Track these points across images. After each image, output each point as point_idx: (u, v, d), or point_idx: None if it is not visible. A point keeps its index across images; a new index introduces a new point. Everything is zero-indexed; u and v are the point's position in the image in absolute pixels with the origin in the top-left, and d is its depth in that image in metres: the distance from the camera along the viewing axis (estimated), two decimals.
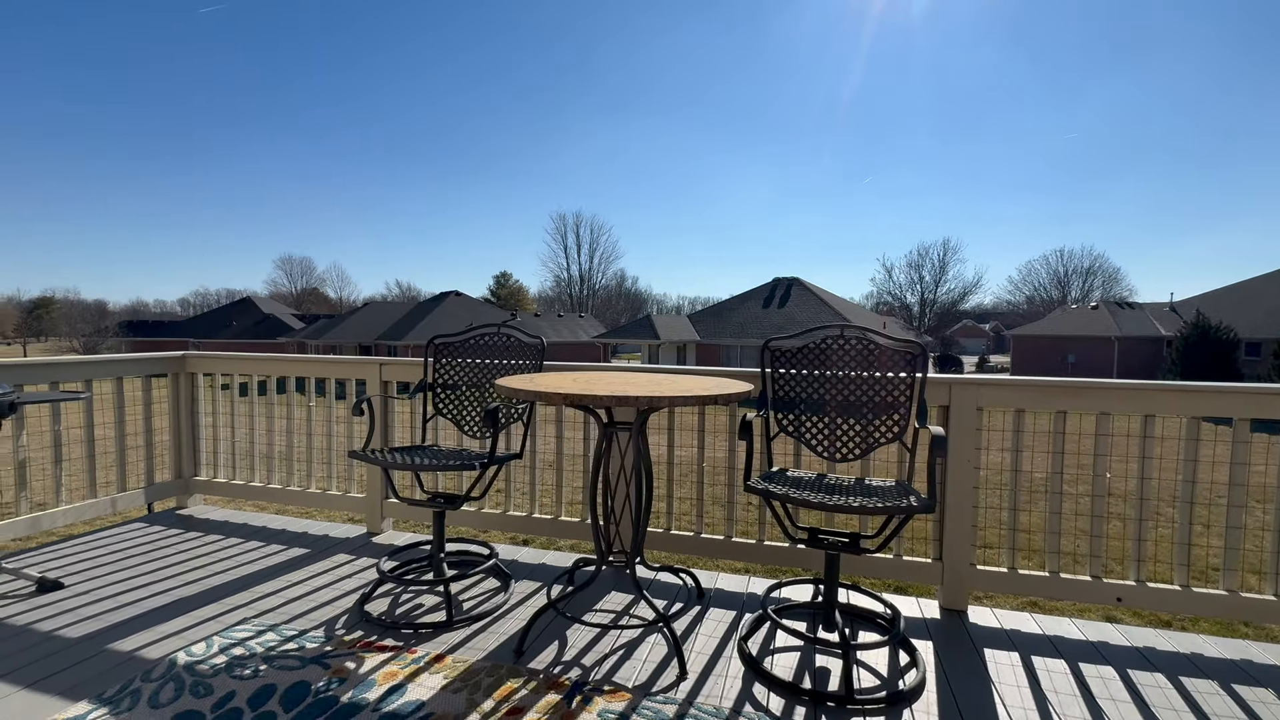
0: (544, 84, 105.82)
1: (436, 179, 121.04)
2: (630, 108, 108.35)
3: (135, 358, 3.61)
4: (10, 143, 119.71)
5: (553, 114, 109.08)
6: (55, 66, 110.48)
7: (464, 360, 3.02)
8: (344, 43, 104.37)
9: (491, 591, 2.69)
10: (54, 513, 3.23)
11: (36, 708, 1.86)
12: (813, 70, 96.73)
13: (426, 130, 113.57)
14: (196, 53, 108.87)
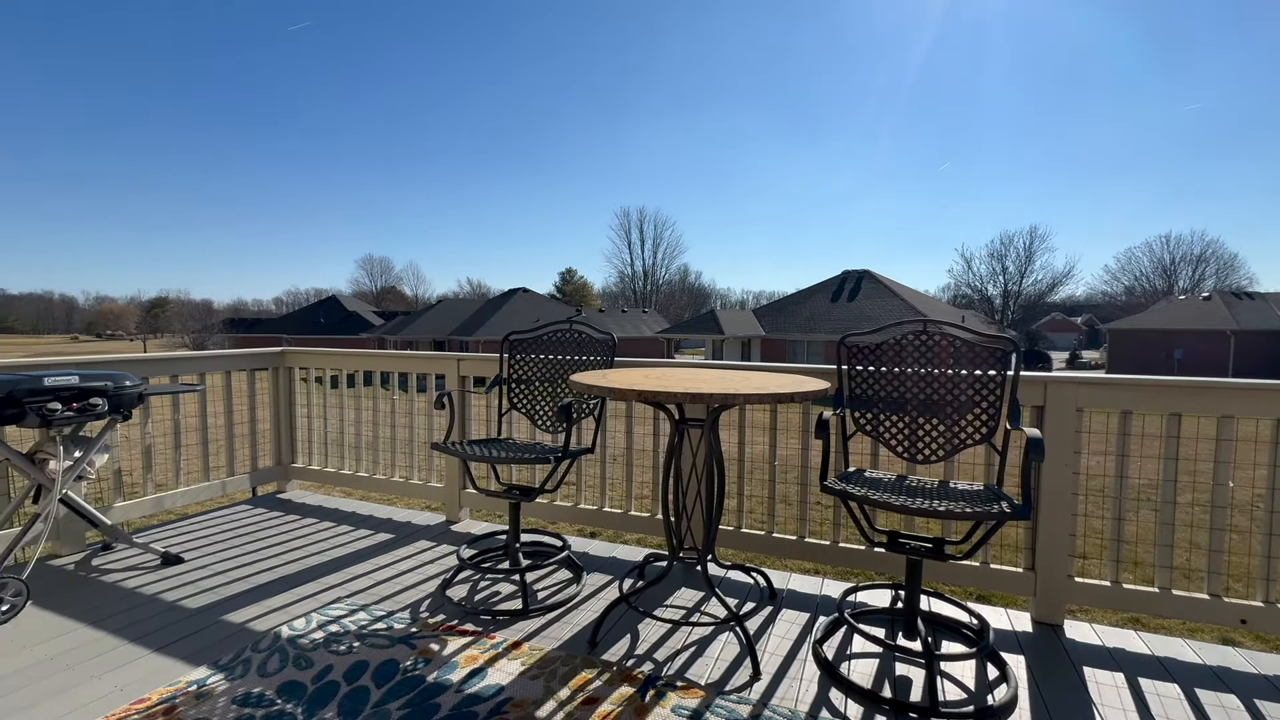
0: (612, 84, 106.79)
1: (506, 177, 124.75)
2: (697, 100, 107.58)
3: (241, 353, 3.92)
4: (130, 162, 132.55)
5: (620, 113, 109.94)
6: (183, 93, 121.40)
7: (536, 356, 3.09)
8: (427, 51, 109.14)
9: (564, 582, 2.75)
10: (174, 494, 3.56)
11: (166, 669, 2.06)
12: (886, 48, 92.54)
13: (496, 131, 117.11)
14: (291, 70, 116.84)
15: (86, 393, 2.65)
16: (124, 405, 2.79)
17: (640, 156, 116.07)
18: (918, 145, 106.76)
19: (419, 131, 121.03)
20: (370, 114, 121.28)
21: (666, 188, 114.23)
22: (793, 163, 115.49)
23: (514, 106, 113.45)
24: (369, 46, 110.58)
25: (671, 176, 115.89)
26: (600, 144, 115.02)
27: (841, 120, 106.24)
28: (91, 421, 2.71)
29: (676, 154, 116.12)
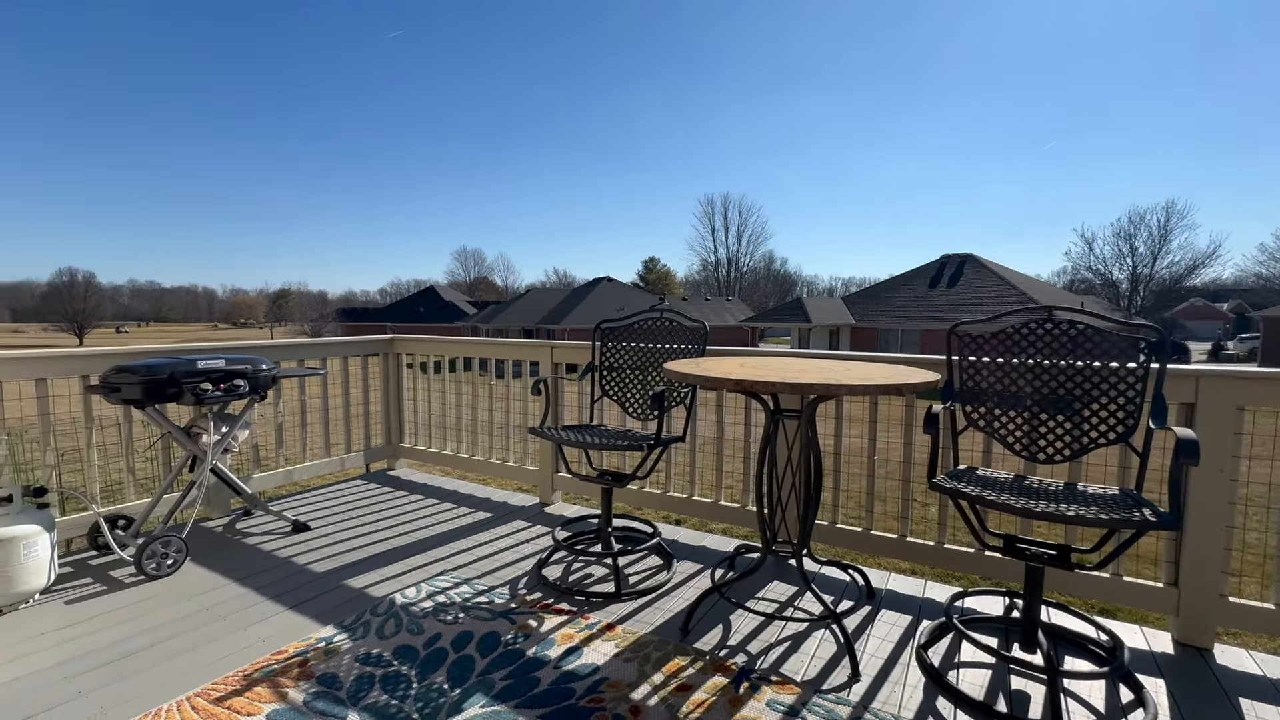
0: (696, 65, 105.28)
1: (591, 167, 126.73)
2: (784, 81, 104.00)
3: (356, 340, 4.24)
4: (267, 168, 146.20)
5: (704, 97, 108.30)
6: (301, 109, 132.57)
7: (628, 344, 3.12)
8: (505, 46, 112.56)
9: (654, 569, 2.78)
10: (300, 467, 3.92)
11: (300, 626, 2.28)
12: (1000, 8, 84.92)
13: (578, 121, 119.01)
14: (395, 81, 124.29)
15: (231, 374, 2.96)
16: (261, 386, 3.09)
17: (725, 141, 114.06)
18: (1026, 122, 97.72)
19: (505, 125, 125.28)
20: (457, 108, 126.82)
21: (752, 172, 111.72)
22: (887, 144, 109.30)
23: (595, 95, 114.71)
24: (461, 50, 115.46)
25: (757, 161, 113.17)
26: (684, 130, 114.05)
27: (943, 96, 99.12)
28: (235, 400, 3.02)
29: (763, 138, 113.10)
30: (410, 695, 1.87)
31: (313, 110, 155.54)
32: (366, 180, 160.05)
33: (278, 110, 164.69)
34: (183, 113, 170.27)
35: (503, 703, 1.84)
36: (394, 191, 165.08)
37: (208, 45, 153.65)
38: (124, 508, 3.11)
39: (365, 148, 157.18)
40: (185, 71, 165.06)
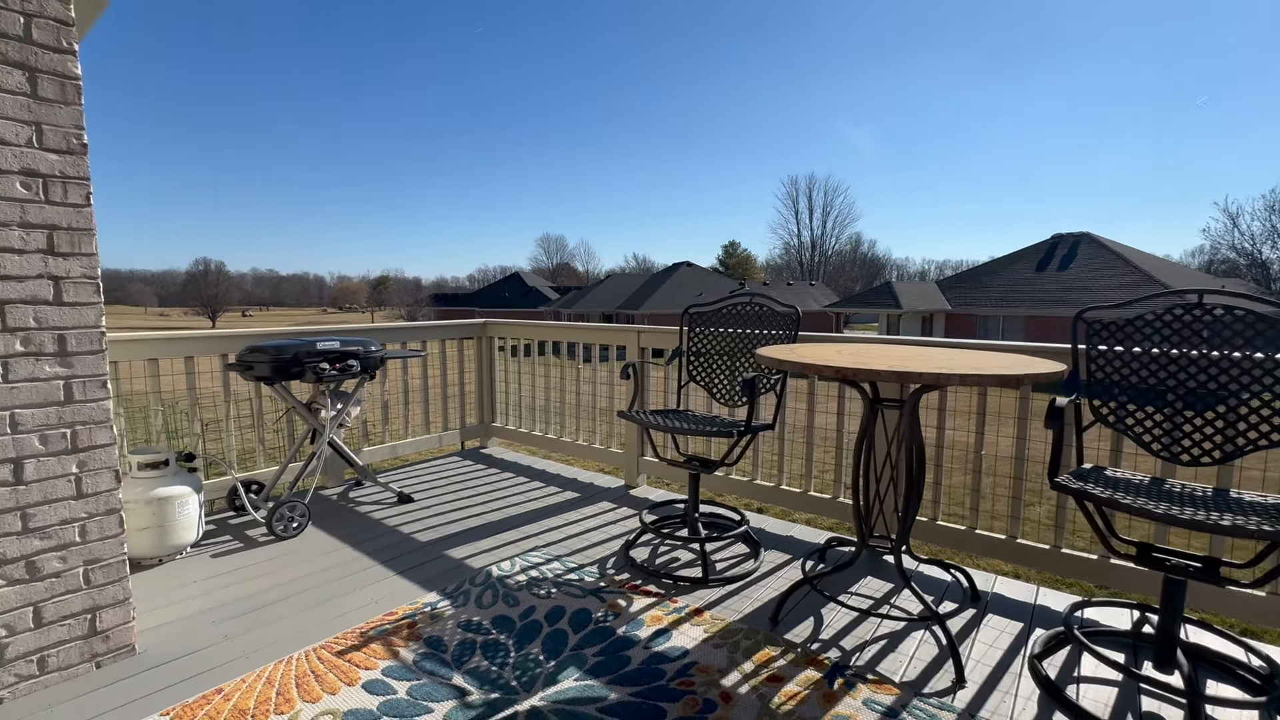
0: (780, 42, 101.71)
1: (670, 147, 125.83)
2: (881, 52, 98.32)
3: (452, 324, 4.45)
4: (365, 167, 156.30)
5: (789, 74, 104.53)
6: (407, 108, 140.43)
7: (716, 329, 3.07)
8: (580, 24, 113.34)
9: (741, 556, 2.75)
10: (403, 443, 4.18)
11: (407, 591, 2.44)
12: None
13: (655, 99, 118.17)
14: (478, 70, 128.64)
15: (345, 355, 3.19)
16: (371, 366, 3.31)
17: (812, 120, 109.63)
18: (1159, 84, 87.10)
19: (586, 101, 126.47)
20: (538, 87, 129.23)
21: (840, 152, 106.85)
22: (994, 119, 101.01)
23: (673, 70, 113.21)
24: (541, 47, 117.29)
25: (846, 140, 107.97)
26: (768, 108, 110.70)
27: (1065, 57, 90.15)
28: (348, 379, 3.26)
29: (854, 115, 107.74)
30: (509, 663, 1.96)
31: (409, 108, 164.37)
32: (450, 166, 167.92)
33: (383, 114, 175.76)
34: (301, 114, 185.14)
35: (596, 678, 1.89)
36: (479, 179, 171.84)
37: (333, 59, 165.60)
38: (256, 474, 3.45)
39: (449, 129, 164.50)
40: (313, 85, 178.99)
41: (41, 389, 1.79)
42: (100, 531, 1.92)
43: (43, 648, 1.83)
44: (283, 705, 1.76)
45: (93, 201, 1.86)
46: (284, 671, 1.91)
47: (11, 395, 1.74)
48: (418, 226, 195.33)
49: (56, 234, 1.80)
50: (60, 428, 1.83)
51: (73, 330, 1.84)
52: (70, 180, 1.81)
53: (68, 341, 1.83)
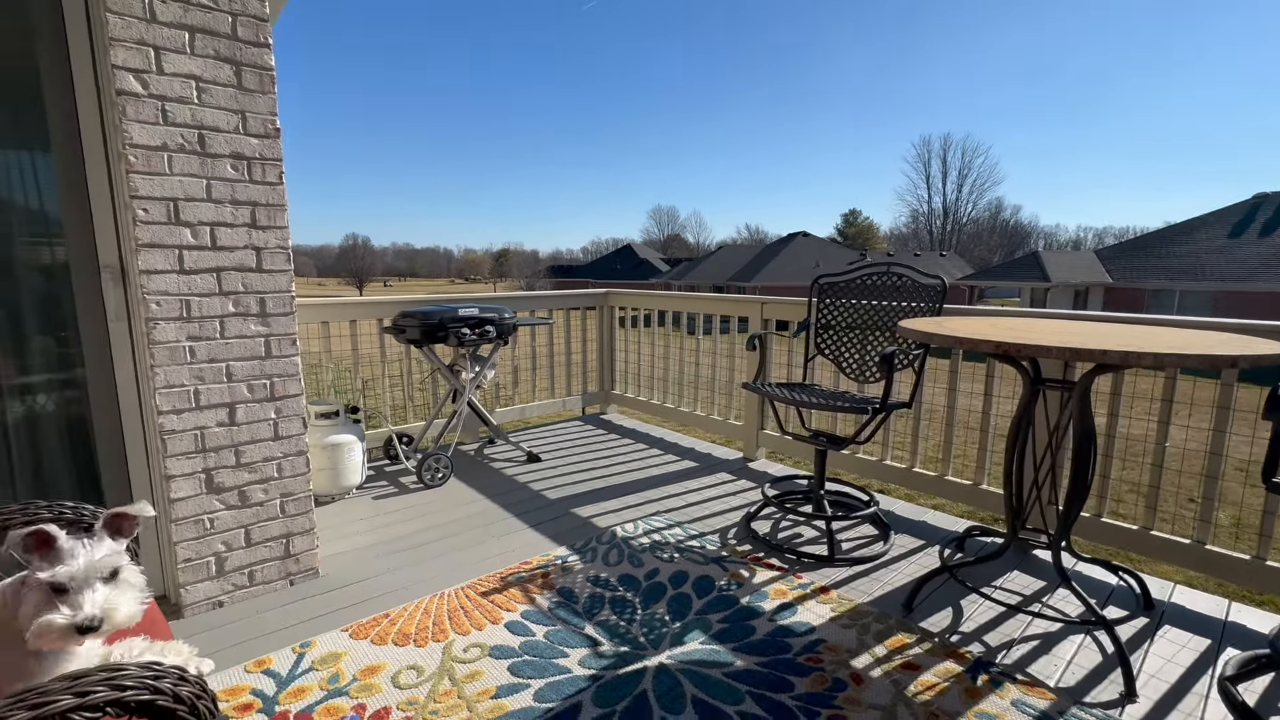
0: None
1: (786, 109, 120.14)
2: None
3: (576, 293, 4.60)
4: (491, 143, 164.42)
5: (918, 27, 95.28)
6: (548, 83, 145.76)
7: (847, 301, 2.92)
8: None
9: (869, 539, 2.64)
10: (530, 406, 4.42)
11: (539, 543, 2.61)
12: None
13: (768, 57, 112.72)
14: (592, 44, 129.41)
15: (483, 321, 3.40)
16: (505, 332, 3.52)
17: (944, 76, 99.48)
18: None
19: (699, 73, 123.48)
20: (652, 60, 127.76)
21: (978, 110, 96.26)
22: (1171, 67, 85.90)
23: (788, 21, 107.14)
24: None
25: (986, 97, 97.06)
26: (895, 64, 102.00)
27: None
28: (485, 344, 3.48)
29: (996, 68, 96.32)
30: (636, 620, 2.04)
31: (526, 84, 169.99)
32: (571, 139, 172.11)
33: (499, 90, 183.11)
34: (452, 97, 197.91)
35: (721, 643, 1.91)
36: (595, 151, 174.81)
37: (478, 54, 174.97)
38: (406, 428, 3.81)
39: (566, 105, 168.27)
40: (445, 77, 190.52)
41: (248, 344, 2.08)
42: (292, 469, 2.22)
43: (251, 564, 2.17)
44: (438, 634, 1.96)
45: (284, 180, 2.10)
46: (437, 605, 2.12)
47: (227, 349, 2.04)
48: (536, 201, 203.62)
49: (257, 209, 2.05)
50: (262, 379, 2.12)
51: (270, 294, 2.11)
52: (267, 161, 2.05)
53: (267, 304, 2.10)
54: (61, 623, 0.89)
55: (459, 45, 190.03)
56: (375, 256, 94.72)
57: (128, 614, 0.96)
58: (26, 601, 0.92)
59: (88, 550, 0.94)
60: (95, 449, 2.01)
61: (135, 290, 1.90)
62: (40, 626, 0.89)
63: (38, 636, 0.90)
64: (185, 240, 1.93)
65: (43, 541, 0.93)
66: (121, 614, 0.95)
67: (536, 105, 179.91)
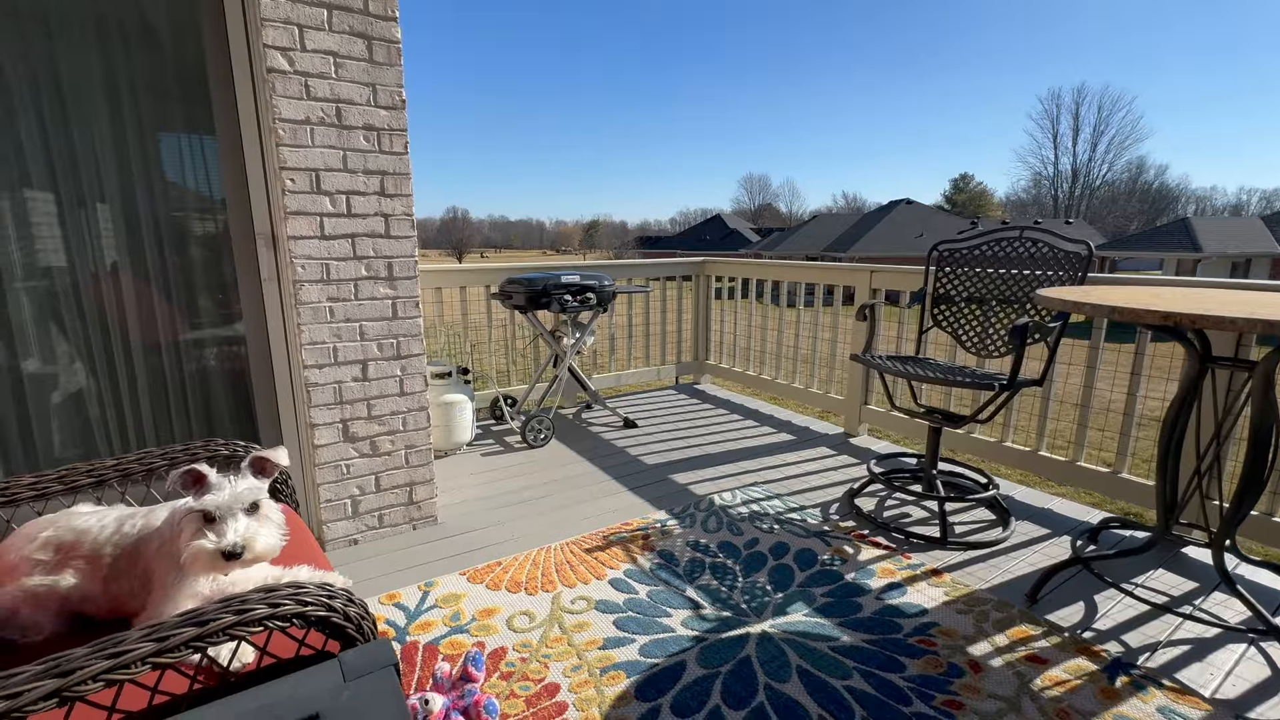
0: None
1: (893, 70, 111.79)
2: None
3: (674, 261, 4.57)
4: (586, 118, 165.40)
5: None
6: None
7: (970, 270, 2.70)
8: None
9: (986, 524, 2.48)
10: (625, 373, 4.49)
11: (638, 506, 2.66)
12: None
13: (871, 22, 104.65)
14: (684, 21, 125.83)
15: (584, 288, 3.46)
16: (604, 300, 3.56)
17: (1083, 21, 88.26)
18: None
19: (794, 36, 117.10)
20: (740, 20, 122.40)
21: (1119, 58, 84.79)
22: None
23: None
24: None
25: (1130, 40, 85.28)
26: (1024, 9, 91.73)
27: None
28: (585, 311, 3.55)
29: (1143, 8, 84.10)
30: (737, 587, 2.04)
31: (611, 54, 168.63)
32: (661, 112, 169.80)
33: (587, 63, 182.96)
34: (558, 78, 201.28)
35: (825, 617, 1.87)
36: (684, 122, 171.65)
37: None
38: (510, 390, 3.99)
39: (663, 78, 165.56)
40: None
41: (378, 306, 2.23)
42: (415, 424, 2.38)
43: (380, 507, 2.37)
44: (546, 584, 2.06)
45: (409, 150, 2.21)
46: (544, 557, 2.22)
47: (360, 310, 2.20)
48: (625, 172, 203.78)
49: (386, 178, 2.18)
50: (389, 338, 2.28)
51: (397, 259, 2.24)
52: (395, 132, 2.17)
53: (394, 268, 2.24)
54: (210, 547, 0.98)
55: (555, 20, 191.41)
56: (473, 229, 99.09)
57: (266, 544, 1.03)
58: (183, 530, 1.02)
59: (232, 485, 1.03)
60: (253, 396, 2.25)
61: (284, 254, 2.09)
62: (191, 550, 0.98)
63: (190, 560, 0.99)
64: (325, 208, 2.09)
65: (196, 479, 1.03)
66: (260, 543, 1.02)
67: (627, 79, 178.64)
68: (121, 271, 2.03)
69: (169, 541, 1.04)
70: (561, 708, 1.52)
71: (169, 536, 1.05)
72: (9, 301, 1.90)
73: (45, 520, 1.15)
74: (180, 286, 2.13)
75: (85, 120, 1.92)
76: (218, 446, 1.47)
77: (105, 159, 1.95)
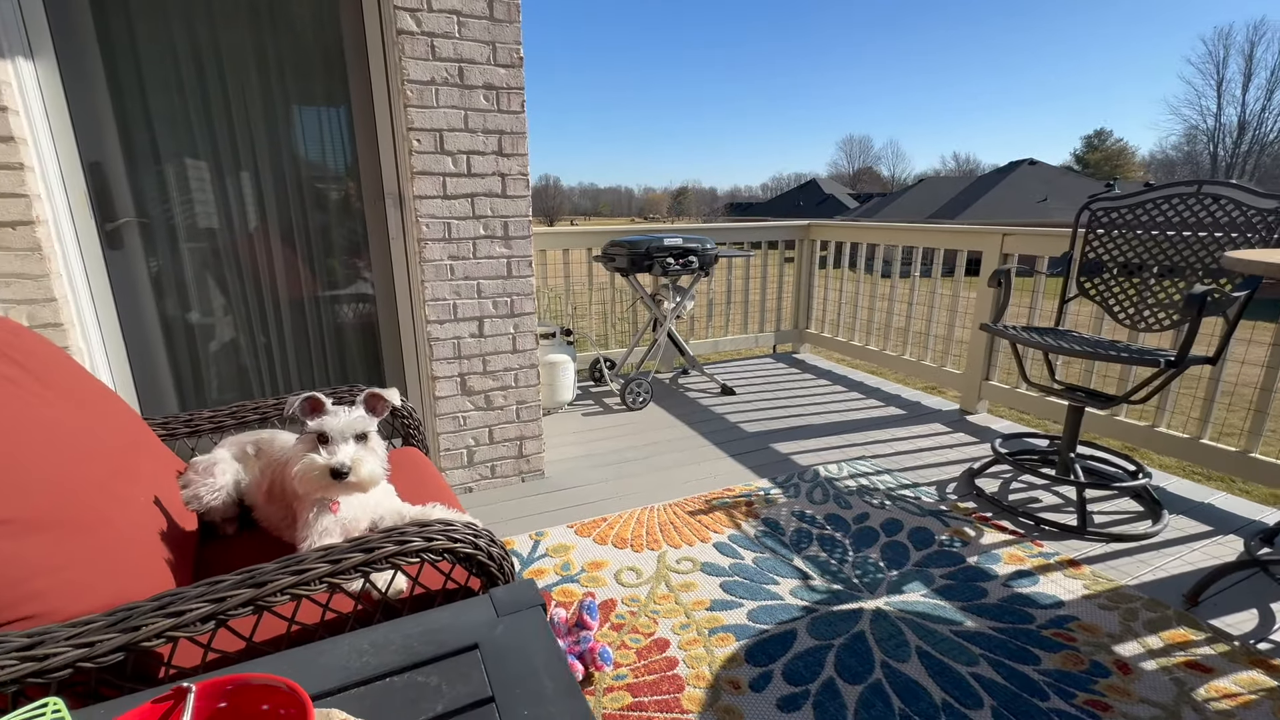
0: None
1: (998, 24, 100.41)
2: None
3: (776, 225, 4.39)
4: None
5: None
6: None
7: (1126, 233, 2.38)
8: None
9: (1131, 515, 2.24)
10: (723, 340, 4.41)
11: (739, 473, 2.63)
12: None
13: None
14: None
15: (687, 252, 3.40)
16: (706, 264, 3.49)
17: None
18: None
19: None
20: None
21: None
22: None
23: None
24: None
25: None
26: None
27: None
28: (686, 275, 3.50)
29: None
30: (847, 561, 1.97)
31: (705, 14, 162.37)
32: (753, 72, 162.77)
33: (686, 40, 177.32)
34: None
35: (946, 599, 1.77)
36: (779, 83, 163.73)
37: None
38: (610, 353, 4.04)
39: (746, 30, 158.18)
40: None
41: (494, 265, 2.30)
42: (526, 380, 2.46)
43: (492, 459, 2.48)
44: (651, 543, 2.08)
45: (525, 108, 2.22)
46: (648, 516, 2.25)
47: (478, 268, 2.27)
48: (714, 138, 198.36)
49: (503, 138, 2.21)
50: (504, 296, 2.34)
51: (512, 218, 2.29)
52: (512, 90, 2.18)
53: (509, 227, 2.29)
54: (320, 462, 1.03)
55: None
56: (564, 196, 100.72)
57: (370, 470, 1.07)
58: (300, 446, 1.09)
59: (346, 413, 1.10)
60: (381, 349, 2.40)
61: (410, 214, 2.18)
62: (304, 464, 1.05)
63: (301, 474, 1.05)
64: (448, 168, 2.15)
65: (315, 405, 1.10)
66: (365, 468, 1.06)
67: (722, 36, 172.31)
68: (270, 234, 2.20)
69: (293, 461, 1.12)
70: (672, 663, 1.54)
71: (293, 456, 1.13)
72: (180, 260, 2.11)
73: (250, 434, 1.30)
74: (318, 247, 2.28)
75: (237, 94, 2.06)
76: (361, 390, 1.57)
77: (258, 130, 2.10)
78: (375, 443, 1.13)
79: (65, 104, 1.85)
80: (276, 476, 1.18)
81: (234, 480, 1.21)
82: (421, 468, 1.53)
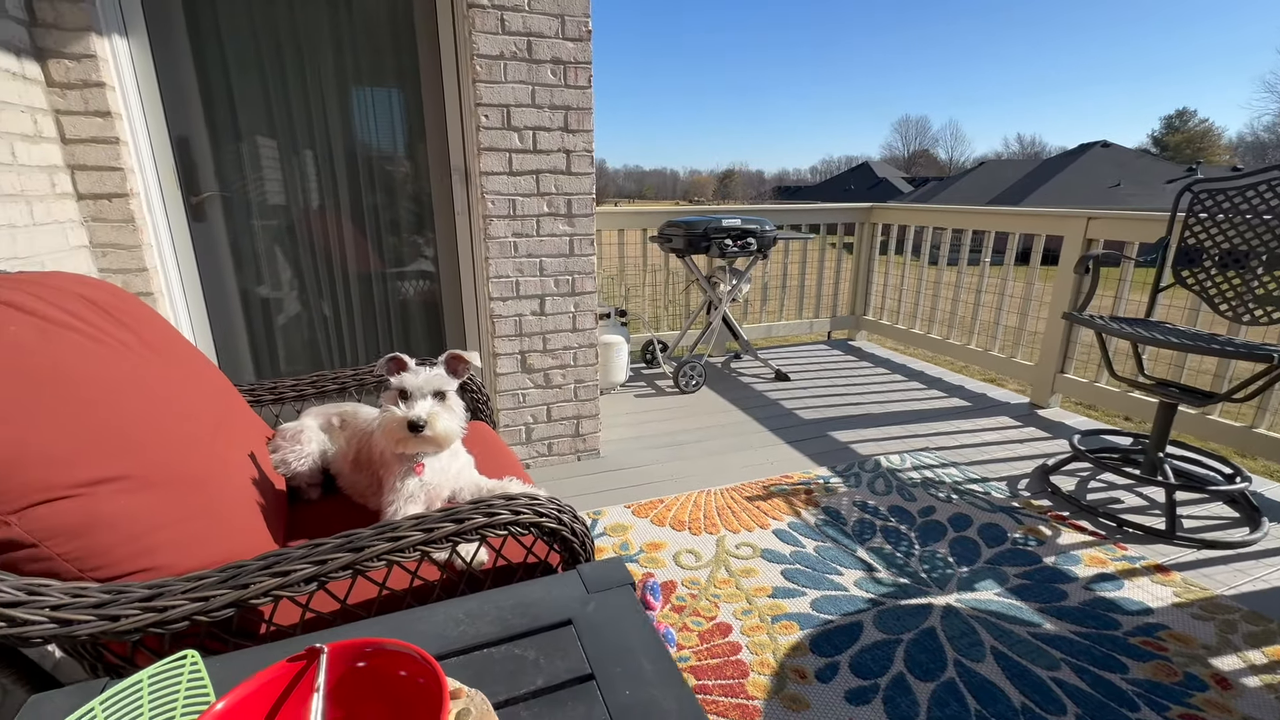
0: None
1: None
2: None
3: (836, 207, 4.25)
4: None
5: None
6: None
7: (1233, 217, 2.20)
8: None
9: (1225, 521, 2.09)
10: (777, 325, 4.32)
11: (797, 460, 2.57)
12: None
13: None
14: None
15: (745, 233, 3.33)
16: (764, 246, 3.40)
17: None
18: None
19: None
20: None
21: None
22: None
23: None
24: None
25: None
26: None
27: None
28: (743, 257, 3.42)
29: None
30: (914, 555, 1.90)
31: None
32: (795, 55, 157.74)
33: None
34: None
35: (1021, 600, 1.69)
36: (829, 66, 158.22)
37: None
38: (662, 335, 4.01)
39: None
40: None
41: (556, 243, 2.29)
42: (584, 360, 2.45)
43: (550, 436, 2.50)
44: (709, 527, 2.06)
45: (592, 83, 2.19)
46: (705, 500, 2.23)
47: (540, 246, 2.27)
48: (761, 121, 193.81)
49: (569, 113, 2.18)
50: (565, 275, 2.33)
51: (576, 195, 2.27)
52: (580, 65, 2.15)
53: (573, 205, 2.27)
54: (399, 414, 1.05)
55: None
56: (609, 178, 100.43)
57: (445, 426, 1.08)
58: (383, 402, 1.12)
59: (426, 371, 1.11)
60: (444, 325, 2.44)
61: (476, 190, 2.19)
62: (384, 417, 1.08)
63: (382, 426, 1.08)
64: (514, 144, 2.14)
65: (398, 364, 1.11)
66: (441, 424, 1.07)
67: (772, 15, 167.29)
68: (340, 210, 2.25)
69: (378, 424, 1.14)
70: (735, 648, 1.53)
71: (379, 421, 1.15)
72: (254, 233, 2.18)
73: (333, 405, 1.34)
74: (385, 224, 2.32)
75: (313, 73, 2.10)
76: None
77: (331, 108, 2.14)
78: (454, 401, 1.14)
79: (156, 81, 1.91)
80: (363, 445, 1.21)
81: (319, 449, 1.25)
82: (490, 442, 1.54)
